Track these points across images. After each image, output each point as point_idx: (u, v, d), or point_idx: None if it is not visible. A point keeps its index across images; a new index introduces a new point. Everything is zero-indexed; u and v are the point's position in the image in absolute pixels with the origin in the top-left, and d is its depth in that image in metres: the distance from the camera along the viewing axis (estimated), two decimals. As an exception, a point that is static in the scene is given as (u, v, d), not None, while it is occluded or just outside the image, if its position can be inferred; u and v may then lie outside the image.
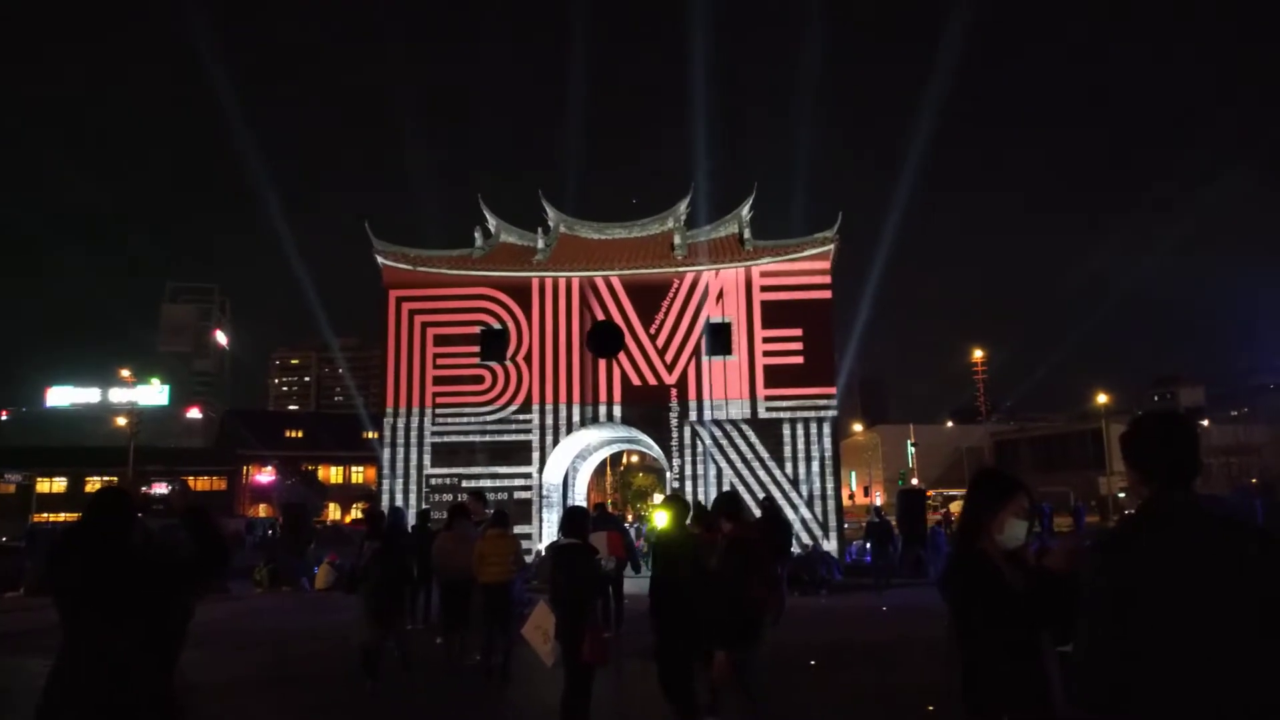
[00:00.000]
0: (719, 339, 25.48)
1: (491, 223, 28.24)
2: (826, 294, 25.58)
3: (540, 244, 26.95)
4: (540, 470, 25.37)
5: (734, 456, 24.90)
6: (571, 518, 7.32)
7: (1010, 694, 3.01)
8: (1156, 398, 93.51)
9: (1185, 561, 2.43)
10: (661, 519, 7.90)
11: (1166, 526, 2.52)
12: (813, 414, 24.88)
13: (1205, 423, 75.52)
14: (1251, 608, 2.34)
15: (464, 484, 24.57)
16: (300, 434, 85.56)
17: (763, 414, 24.98)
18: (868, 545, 22.74)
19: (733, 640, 6.68)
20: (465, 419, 25.67)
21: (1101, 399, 58.46)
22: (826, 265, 25.65)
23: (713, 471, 24.78)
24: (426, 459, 25.67)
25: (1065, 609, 2.80)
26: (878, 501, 58.32)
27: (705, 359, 25.30)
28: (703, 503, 18.98)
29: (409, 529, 14.77)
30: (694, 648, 6.76)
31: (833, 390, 25.21)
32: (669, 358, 25.45)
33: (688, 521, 7.72)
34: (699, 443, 25.07)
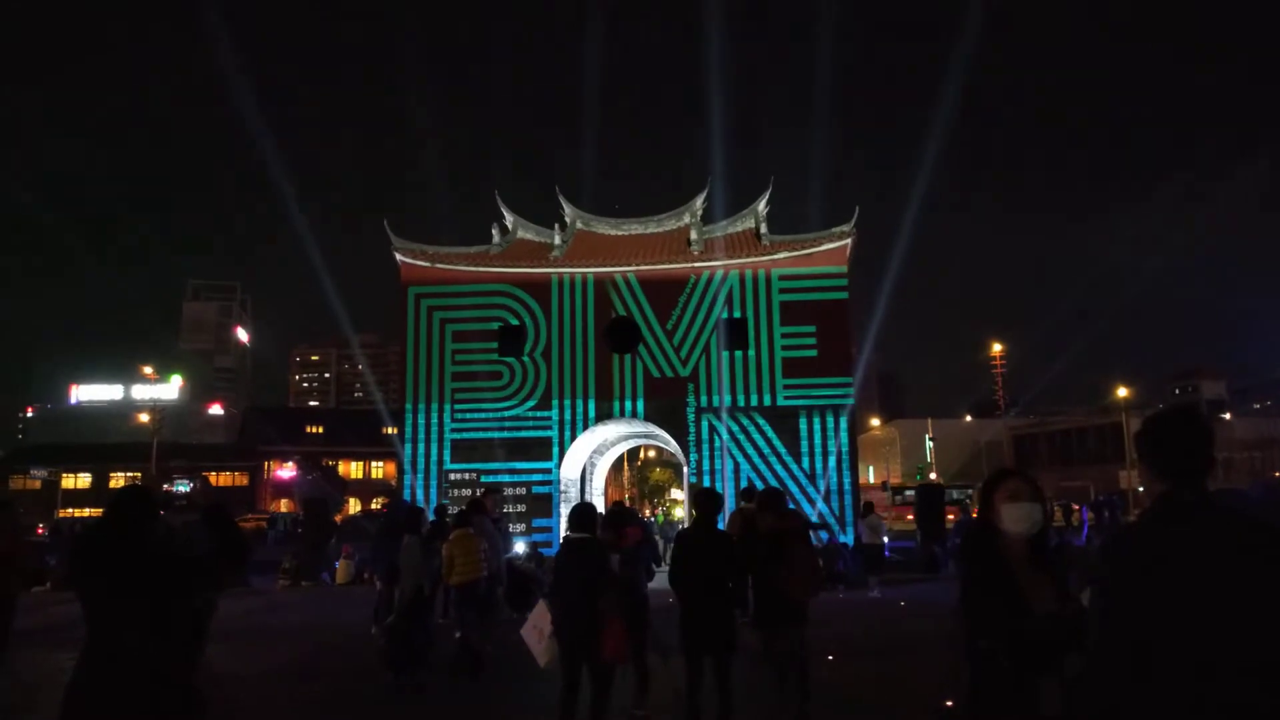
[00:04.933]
0: (736, 333, 25.47)
1: (509, 219, 28.34)
2: (843, 288, 25.53)
3: (557, 240, 27.00)
4: (558, 465, 25.47)
5: (751, 451, 24.90)
6: (581, 513, 7.22)
7: (1012, 699, 3.01)
8: (1178, 391, 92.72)
9: (1196, 560, 2.42)
10: (681, 513, 7.93)
11: (1177, 524, 2.52)
12: (830, 403, 24.85)
13: (1227, 416, 74.82)
14: (1262, 607, 2.33)
15: (483, 479, 24.71)
16: (321, 430, 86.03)
17: (780, 404, 24.97)
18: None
19: (762, 625, 6.78)
20: (484, 414, 25.78)
21: (1122, 393, 57.87)
22: (843, 259, 25.61)
23: (730, 466, 24.80)
24: (446, 454, 25.82)
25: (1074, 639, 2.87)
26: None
27: (722, 353, 25.30)
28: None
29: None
30: (723, 644, 6.77)
31: (850, 380, 25.18)
32: (686, 352, 25.47)
33: (720, 515, 7.67)
34: (716, 437, 25.08)
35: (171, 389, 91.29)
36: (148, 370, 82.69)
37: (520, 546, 20.13)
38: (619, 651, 6.75)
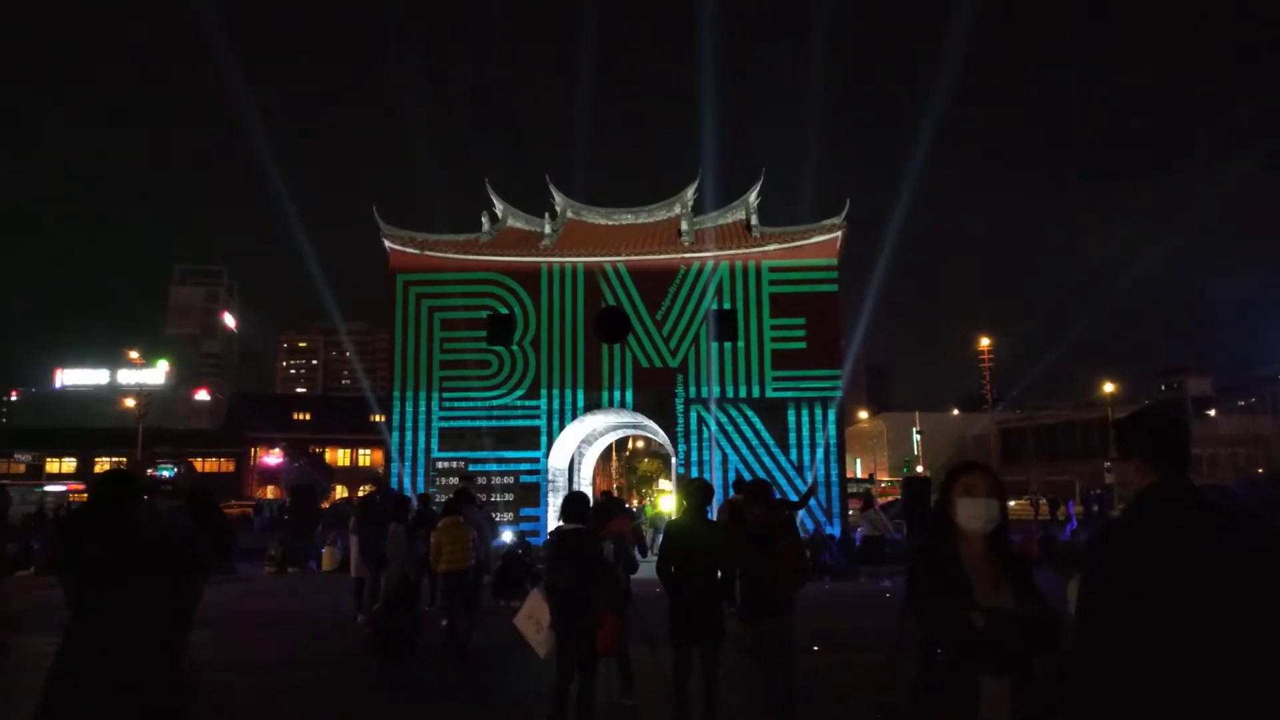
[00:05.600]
0: (725, 324, 25.48)
1: (498, 207, 28.24)
2: (833, 280, 25.56)
3: (547, 229, 26.93)
4: (546, 455, 25.44)
5: (739, 442, 24.93)
6: (573, 503, 7.12)
7: (953, 698, 2.98)
8: (1163, 387, 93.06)
9: (1183, 553, 2.41)
10: (669, 503, 7.92)
11: (1164, 518, 2.52)
12: (818, 395, 24.90)
13: (1212, 412, 75.29)
14: (1250, 601, 2.33)
15: (470, 468, 24.69)
16: (308, 416, 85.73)
17: (769, 396, 25.00)
18: None
19: (749, 616, 6.81)
20: (472, 403, 25.72)
21: (1108, 388, 58.20)
22: (834, 252, 25.63)
23: (718, 457, 24.82)
24: (434, 443, 25.76)
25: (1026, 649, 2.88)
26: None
27: (711, 345, 25.30)
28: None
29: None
30: (711, 634, 6.77)
31: (839, 372, 25.22)
32: (675, 343, 25.46)
33: (710, 507, 7.66)
34: (704, 428, 25.09)
35: (157, 374, 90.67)
36: (134, 355, 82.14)
37: (508, 535, 20.12)
38: (609, 645, 6.73)
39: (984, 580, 3.09)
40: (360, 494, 24.32)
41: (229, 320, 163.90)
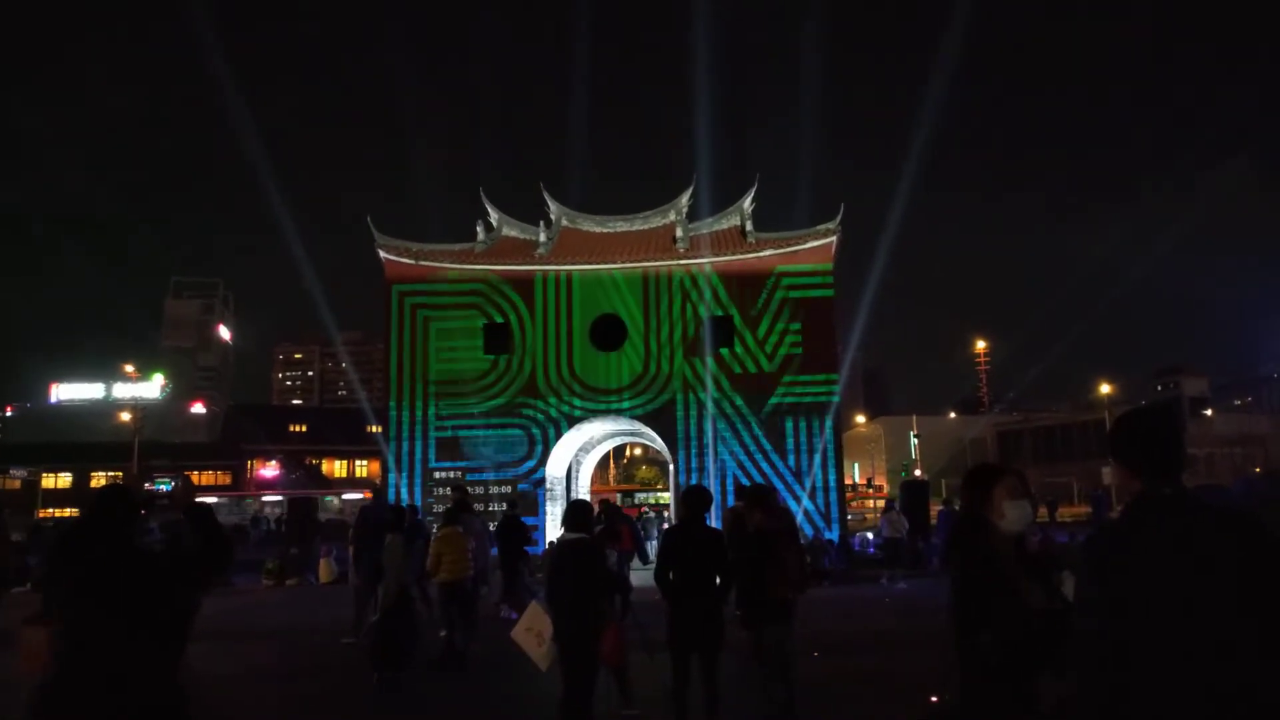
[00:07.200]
0: (721, 331, 25.50)
1: (493, 216, 28.25)
2: (829, 285, 25.60)
3: (542, 237, 26.95)
4: (544, 463, 25.42)
5: (737, 448, 24.93)
6: (576, 512, 6.99)
7: (1008, 697, 3.01)
8: (1160, 388, 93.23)
9: (1179, 555, 2.42)
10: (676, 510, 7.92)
11: (1158, 520, 2.52)
12: (815, 400, 24.90)
13: (1209, 412, 75.47)
14: (1249, 601, 2.34)
15: (468, 477, 24.66)
16: (304, 428, 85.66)
17: (765, 403, 25.01)
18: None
19: (750, 622, 6.79)
20: (468, 412, 25.70)
21: (1105, 389, 58.30)
22: (829, 256, 25.68)
23: (716, 464, 24.82)
24: (430, 453, 25.73)
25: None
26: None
27: (708, 351, 25.32)
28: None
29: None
30: (710, 641, 6.75)
31: (835, 377, 25.24)
32: (671, 350, 25.48)
33: (709, 513, 7.64)
34: (702, 435, 25.09)
35: (153, 387, 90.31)
36: (129, 368, 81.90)
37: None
38: (614, 656, 6.68)
39: (1020, 578, 3.15)
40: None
41: (225, 332, 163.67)
